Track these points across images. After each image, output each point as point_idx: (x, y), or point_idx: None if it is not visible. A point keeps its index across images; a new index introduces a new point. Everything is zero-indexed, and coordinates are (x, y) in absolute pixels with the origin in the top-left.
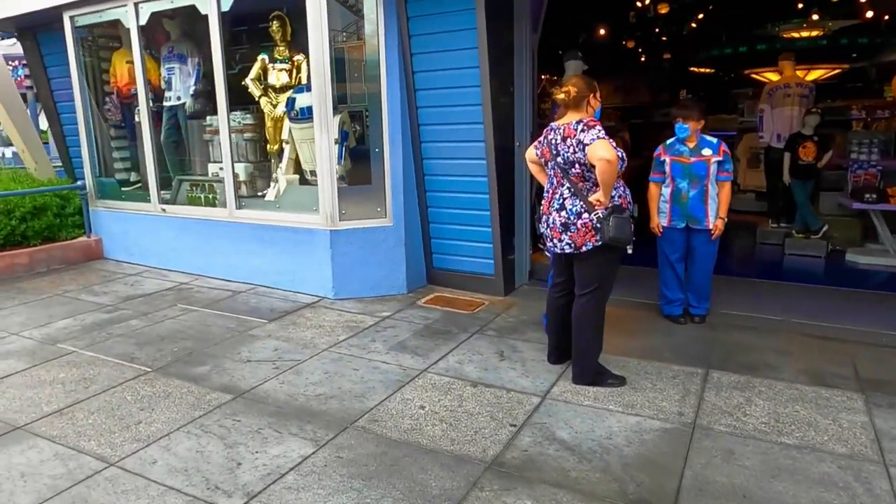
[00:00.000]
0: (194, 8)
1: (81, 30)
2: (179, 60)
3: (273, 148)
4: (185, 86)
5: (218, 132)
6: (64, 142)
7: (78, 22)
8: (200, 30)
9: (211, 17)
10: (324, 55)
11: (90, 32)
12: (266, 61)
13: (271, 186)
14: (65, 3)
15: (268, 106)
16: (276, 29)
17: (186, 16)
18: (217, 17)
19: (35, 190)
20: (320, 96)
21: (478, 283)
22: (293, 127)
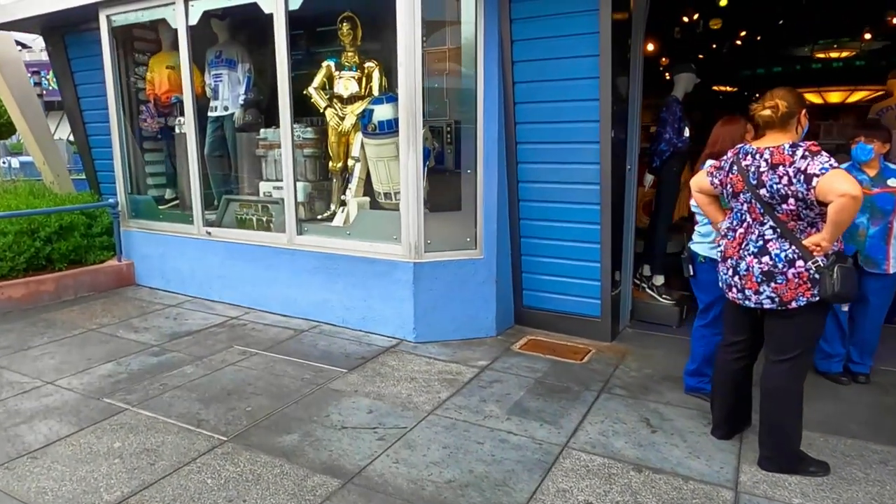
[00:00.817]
0: (255, 7)
1: (117, 31)
2: (228, 66)
3: (336, 166)
4: (233, 94)
5: (273, 147)
6: (90, 153)
7: (115, 22)
8: (254, 32)
9: (276, 16)
10: (415, 60)
11: (127, 34)
12: (332, 68)
13: (339, 210)
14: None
15: (334, 118)
16: (345, 32)
17: (239, 16)
18: (283, 16)
19: (63, 208)
20: (409, 108)
21: (578, 324)
22: (368, 143)
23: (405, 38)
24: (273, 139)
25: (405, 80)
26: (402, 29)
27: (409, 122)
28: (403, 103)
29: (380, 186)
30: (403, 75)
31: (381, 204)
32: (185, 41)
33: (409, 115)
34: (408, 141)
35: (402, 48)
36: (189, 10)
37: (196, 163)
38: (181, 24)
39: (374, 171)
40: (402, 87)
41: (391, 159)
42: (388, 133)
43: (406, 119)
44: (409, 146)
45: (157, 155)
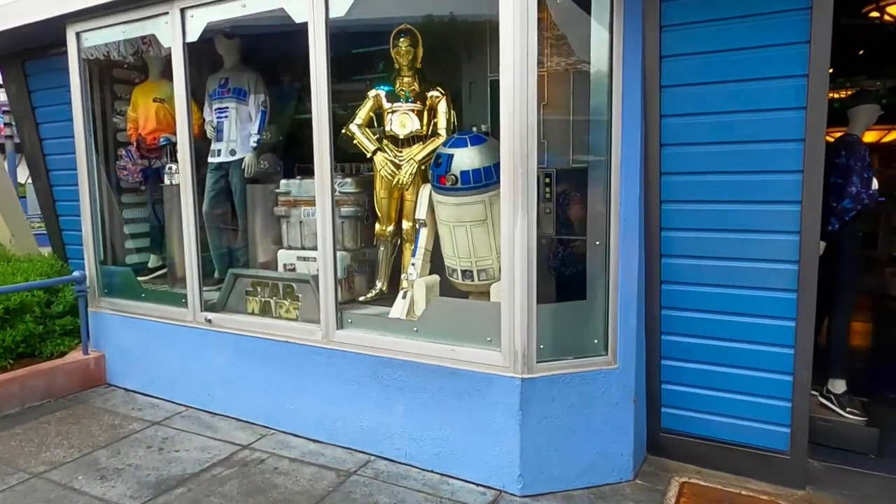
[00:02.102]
0: (278, 17)
1: (90, 53)
2: (237, 98)
3: (385, 230)
4: (242, 134)
5: (297, 204)
6: (54, 208)
7: (87, 41)
8: (272, 52)
9: (314, 27)
10: (526, 82)
11: (103, 58)
12: (382, 99)
13: (399, 295)
14: (72, 10)
15: (386, 167)
16: (403, 50)
17: (254, 31)
18: (323, 26)
19: (9, 287)
20: (517, 151)
21: (749, 461)
22: (443, 201)
23: (512, 53)
24: (298, 194)
25: (511, 112)
26: (508, 40)
27: (516, 172)
28: (508, 145)
29: (456, 262)
30: (508, 105)
31: (454, 285)
32: (180, 63)
33: (517, 162)
34: (514, 199)
35: (508, 66)
36: (186, 23)
37: (192, 223)
38: (176, 41)
39: (450, 241)
40: (507, 122)
41: (476, 224)
42: (476, 188)
43: (512, 167)
44: (517, 207)
45: (140, 211)
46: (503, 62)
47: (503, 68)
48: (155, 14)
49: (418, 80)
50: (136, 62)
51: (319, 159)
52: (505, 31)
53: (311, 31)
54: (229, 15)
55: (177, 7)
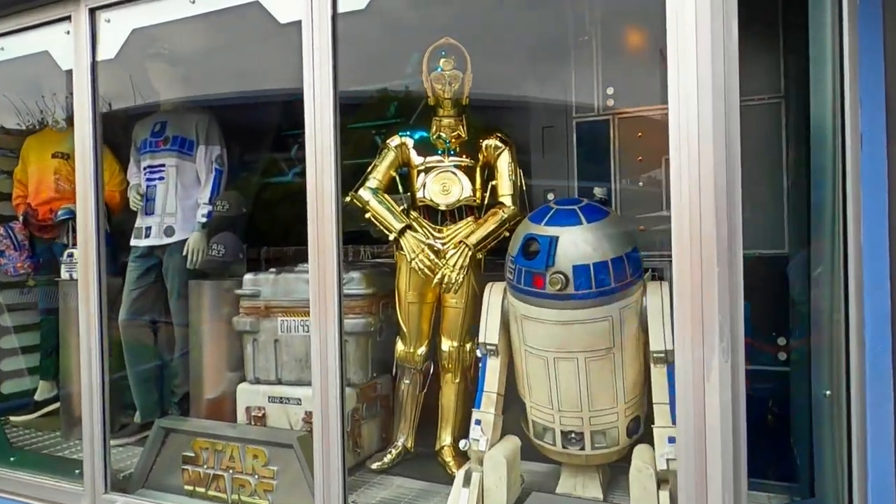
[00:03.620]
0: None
1: None
2: (179, 152)
3: (413, 353)
4: (185, 205)
5: (267, 312)
6: None
7: None
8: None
9: (312, 31)
10: (724, 113)
11: None
12: (410, 150)
13: (458, 478)
14: None
15: (421, 255)
16: (448, 76)
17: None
18: (327, 30)
19: None
20: (711, 235)
21: None
22: (535, 315)
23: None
24: (272, 295)
25: (690, 162)
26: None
27: (709, 269)
28: (684, 219)
29: (552, 416)
30: (677, 139)
31: (543, 451)
32: (85, 91)
33: (710, 251)
34: (700, 320)
35: (687, 89)
36: (99, 31)
37: (95, 343)
38: (81, 59)
39: (544, 382)
40: (687, 180)
41: (595, 356)
42: (602, 295)
43: (690, 258)
44: (711, 335)
45: (27, 316)
46: (680, 80)
47: (680, 90)
48: (49, 20)
49: (465, 123)
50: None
51: (319, 236)
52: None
53: (305, 34)
54: (168, 17)
55: (84, 7)
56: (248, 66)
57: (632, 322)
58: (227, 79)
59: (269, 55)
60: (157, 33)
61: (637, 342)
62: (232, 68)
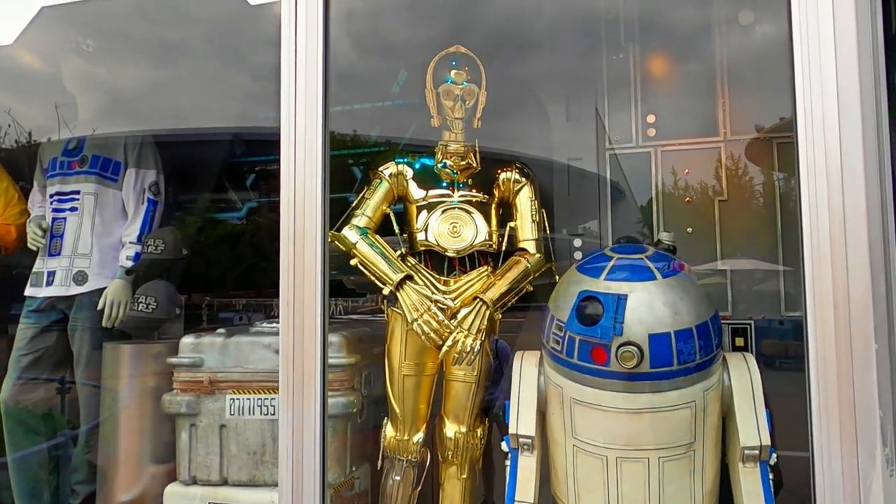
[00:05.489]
0: None
1: None
2: (99, 175)
3: (408, 441)
4: (103, 244)
5: (212, 388)
6: None
7: None
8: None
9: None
10: None
11: None
12: (408, 181)
13: None
14: None
15: (426, 314)
16: (459, 91)
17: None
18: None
19: None
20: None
21: None
22: (592, 401)
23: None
24: (220, 364)
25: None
26: None
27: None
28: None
29: None
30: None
31: None
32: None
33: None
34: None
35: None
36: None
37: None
38: None
39: (600, 489)
40: (818, 220)
41: (673, 455)
42: (687, 372)
43: (848, 333)
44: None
45: None
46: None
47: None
48: None
49: (478, 151)
50: None
51: (296, 288)
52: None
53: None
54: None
55: None
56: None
57: (714, 408)
58: (170, 84)
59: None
60: (75, 14)
61: (717, 435)
62: (178, 69)
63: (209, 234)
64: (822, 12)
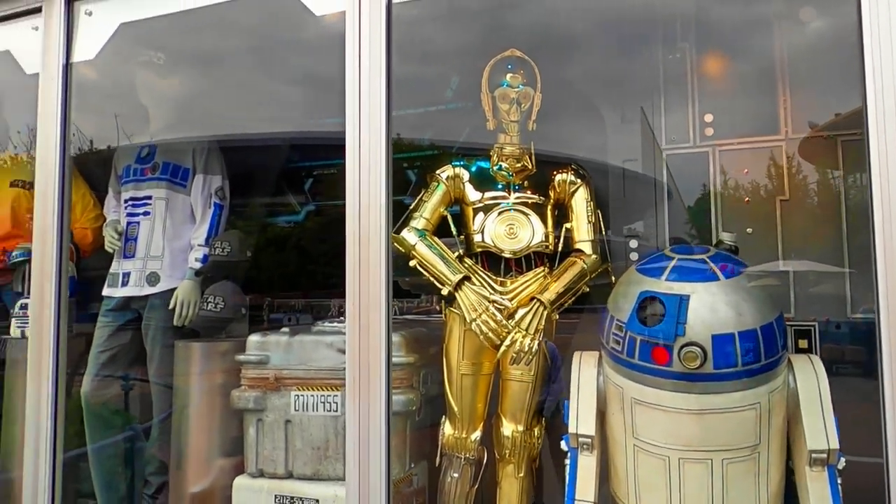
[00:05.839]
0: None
1: None
2: (170, 182)
3: (466, 439)
4: (174, 247)
5: (277, 384)
6: None
7: None
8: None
9: (365, 24)
10: None
11: None
12: (465, 184)
13: None
14: None
15: (484, 315)
16: (514, 95)
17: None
18: (381, 22)
19: None
20: None
21: None
22: (653, 401)
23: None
24: (284, 362)
25: None
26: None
27: None
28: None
29: None
30: None
31: None
32: (55, 100)
33: None
34: None
35: None
36: (77, 25)
37: (46, 417)
38: (51, 59)
39: (663, 491)
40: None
41: (737, 457)
42: (752, 374)
43: None
44: None
45: None
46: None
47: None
48: (14, 12)
49: (533, 153)
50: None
51: (362, 289)
52: None
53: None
54: (167, 9)
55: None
56: (263, 75)
57: (779, 410)
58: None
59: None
60: (150, 29)
61: (782, 437)
62: (242, 78)
63: (269, 237)
64: (894, 3)
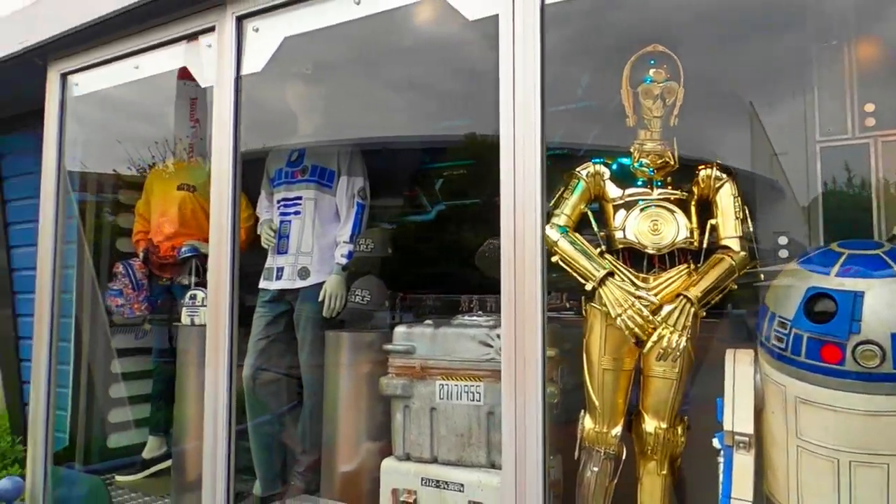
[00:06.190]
0: (444, 12)
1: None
2: (318, 184)
3: (607, 434)
4: (322, 244)
5: (423, 373)
6: (15, 347)
7: (78, 87)
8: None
9: (519, 25)
10: None
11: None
12: (605, 181)
13: None
14: (52, 36)
15: (630, 310)
16: (658, 90)
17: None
18: (535, 23)
19: None
20: None
21: None
22: (818, 400)
23: None
24: (429, 353)
25: None
26: None
27: None
28: None
29: None
30: None
31: None
32: (229, 108)
33: None
34: None
35: None
36: (246, 40)
37: (224, 399)
38: (225, 72)
39: (831, 495)
40: None
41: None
42: None
43: None
44: None
45: (138, 363)
46: None
47: None
48: (189, 32)
49: (675, 149)
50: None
51: (517, 282)
52: None
53: (503, 28)
54: (326, 22)
55: (230, 16)
56: (410, 78)
57: None
58: (380, 98)
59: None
60: (311, 41)
61: None
62: (387, 84)
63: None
64: None
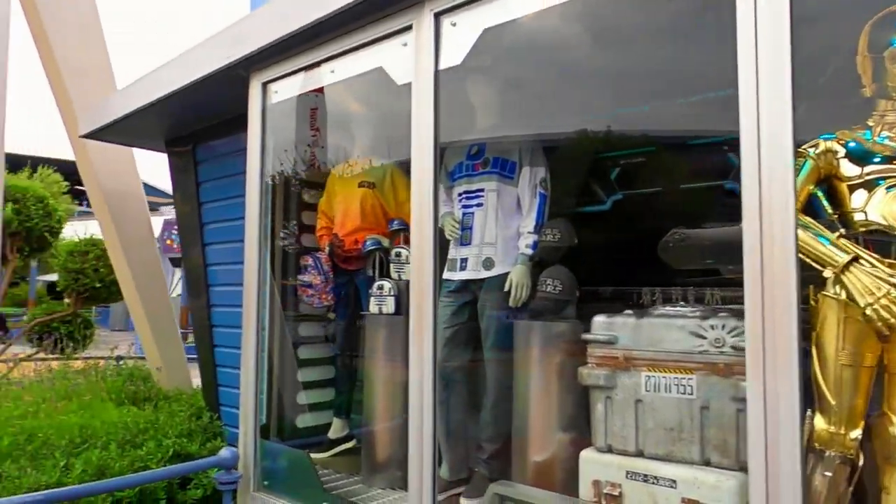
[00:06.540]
0: None
1: (279, 114)
2: (500, 175)
3: (845, 436)
4: (505, 235)
5: (627, 364)
6: (209, 335)
7: (277, 94)
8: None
9: None
10: None
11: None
12: (839, 160)
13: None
14: (257, 49)
15: (884, 300)
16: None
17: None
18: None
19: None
20: None
21: None
22: None
23: None
24: (633, 342)
25: None
26: None
27: None
28: None
29: None
30: None
31: None
32: (428, 102)
33: None
34: None
35: None
36: (444, 36)
37: (428, 387)
38: (423, 67)
39: None
40: None
41: None
42: None
43: None
44: None
45: (322, 350)
46: None
47: None
48: (386, 34)
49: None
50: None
51: (765, 265)
52: None
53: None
54: (527, 10)
55: (428, 13)
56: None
57: None
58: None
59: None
60: (511, 29)
61: None
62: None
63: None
64: None
